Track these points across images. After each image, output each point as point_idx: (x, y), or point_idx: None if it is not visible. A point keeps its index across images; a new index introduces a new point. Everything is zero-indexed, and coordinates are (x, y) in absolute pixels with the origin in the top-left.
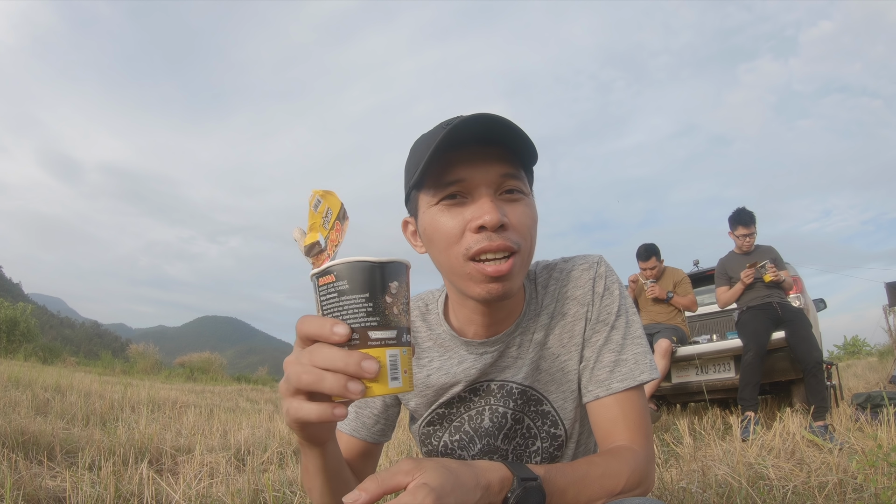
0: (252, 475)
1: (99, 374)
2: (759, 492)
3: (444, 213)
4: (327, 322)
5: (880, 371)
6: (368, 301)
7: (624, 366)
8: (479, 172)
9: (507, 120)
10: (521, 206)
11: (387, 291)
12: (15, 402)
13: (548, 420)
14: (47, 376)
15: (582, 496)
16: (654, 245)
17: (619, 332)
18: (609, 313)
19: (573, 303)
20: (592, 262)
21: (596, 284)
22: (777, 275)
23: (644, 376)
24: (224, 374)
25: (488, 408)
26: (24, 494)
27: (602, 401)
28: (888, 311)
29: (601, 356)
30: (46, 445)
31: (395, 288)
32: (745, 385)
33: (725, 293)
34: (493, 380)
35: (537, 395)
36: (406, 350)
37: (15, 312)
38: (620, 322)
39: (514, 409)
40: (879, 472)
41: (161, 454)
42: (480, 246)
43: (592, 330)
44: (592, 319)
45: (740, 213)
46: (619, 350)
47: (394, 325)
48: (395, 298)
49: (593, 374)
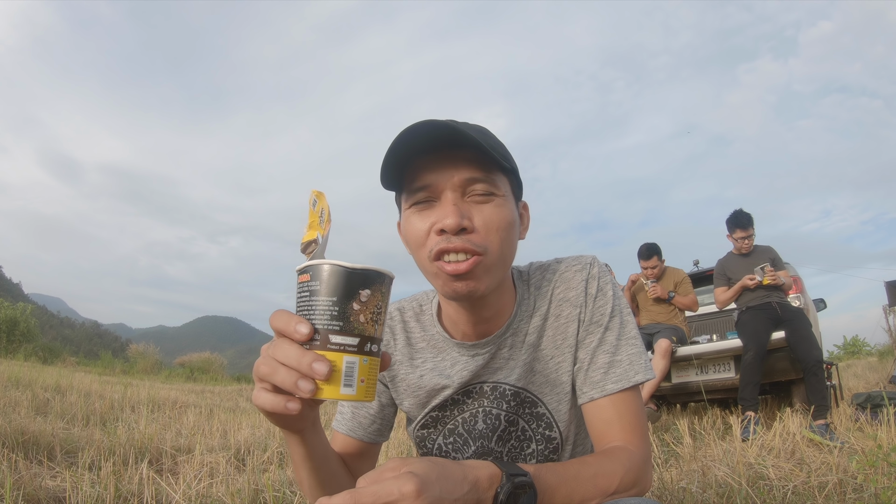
0: (252, 475)
1: (99, 374)
2: (758, 492)
3: (415, 215)
4: (293, 319)
5: (880, 371)
6: (335, 305)
7: (618, 367)
8: (443, 177)
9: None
10: (488, 208)
11: (355, 298)
12: (15, 402)
13: (542, 422)
14: (47, 376)
15: (574, 495)
16: (656, 244)
17: (613, 333)
18: (603, 314)
19: (566, 304)
20: (585, 263)
21: (589, 286)
22: (775, 277)
23: (639, 377)
24: (224, 374)
25: (482, 410)
26: (24, 494)
27: (597, 402)
28: (888, 310)
29: (595, 357)
30: (46, 445)
31: (365, 296)
32: (746, 385)
33: (723, 293)
34: (485, 381)
35: (532, 397)
36: (368, 360)
37: (15, 312)
38: (614, 323)
39: (507, 410)
40: (879, 472)
41: (161, 454)
42: (440, 247)
43: (586, 331)
44: (586, 321)
45: (738, 216)
46: (614, 351)
47: (357, 333)
48: (363, 306)
49: (588, 376)
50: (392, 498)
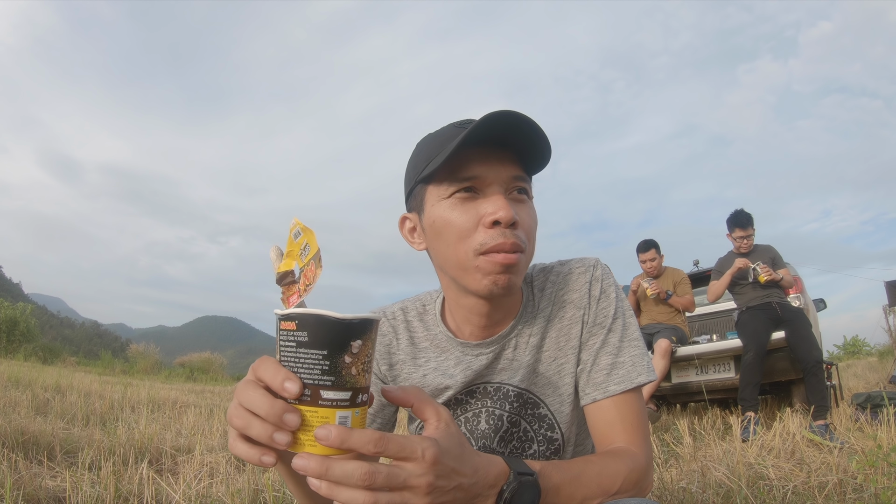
0: (252, 475)
1: (99, 374)
2: (758, 492)
3: (457, 207)
4: (280, 374)
5: (880, 371)
6: (326, 359)
7: (621, 368)
8: (493, 171)
9: (531, 123)
10: (527, 208)
11: (347, 351)
12: (15, 402)
13: (544, 423)
14: (47, 376)
15: (577, 494)
16: (654, 240)
17: (616, 335)
18: (605, 316)
19: (569, 306)
20: (589, 265)
21: (592, 287)
22: (772, 274)
23: (641, 378)
24: (224, 374)
25: (485, 410)
26: (24, 494)
27: (599, 403)
28: (888, 310)
29: (598, 359)
30: (46, 445)
31: (356, 347)
32: (746, 385)
33: (714, 285)
34: (489, 382)
35: (534, 398)
36: (360, 411)
37: (15, 312)
38: (617, 325)
39: (510, 411)
40: (879, 472)
41: (161, 454)
42: (496, 242)
43: (589, 333)
44: (589, 322)
45: (737, 216)
46: (616, 353)
47: (349, 387)
48: (355, 358)
49: (590, 377)
50: (414, 456)
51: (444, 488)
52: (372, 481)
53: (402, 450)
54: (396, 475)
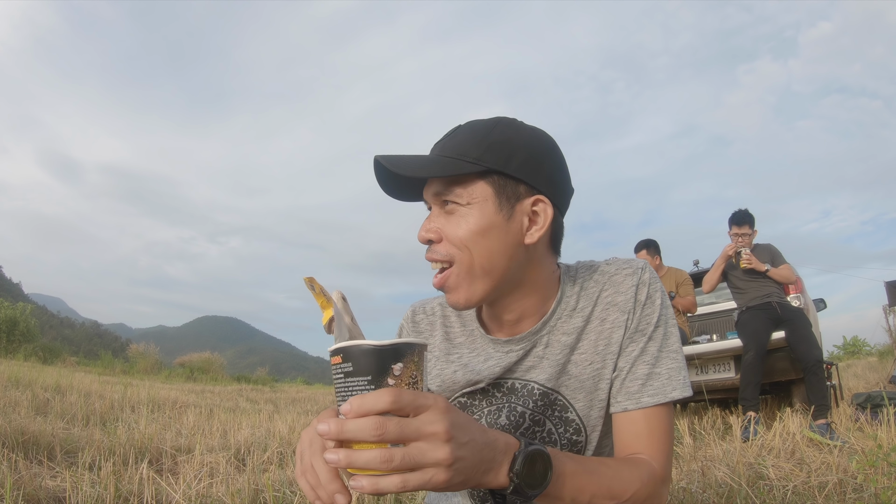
0: (252, 475)
1: (99, 374)
2: (758, 492)
3: None
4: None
5: (880, 371)
6: (370, 383)
7: (657, 380)
8: (426, 194)
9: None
10: (452, 219)
11: (388, 374)
12: (15, 402)
13: (571, 427)
14: (47, 376)
15: (587, 489)
16: (652, 240)
17: (656, 344)
18: (648, 323)
19: (613, 309)
20: (637, 268)
21: (639, 292)
22: (751, 263)
23: (676, 393)
24: (224, 374)
25: (507, 405)
26: (24, 494)
27: (630, 414)
28: (888, 310)
29: (635, 367)
30: (46, 445)
31: (398, 370)
32: (746, 385)
33: (707, 275)
34: (517, 379)
35: (563, 400)
36: None
37: (15, 312)
38: (658, 333)
39: (533, 409)
40: (879, 472)
41: (161, 454)
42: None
43: (630, 339)
44: (631, 328)
45: (736, 214)
46: (654, 363)
47: None
48: (398, 380)
49: (624, 385)
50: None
51: (460, 440)
52: (382, 430)
53: (416, 398)
54: (408, 423)
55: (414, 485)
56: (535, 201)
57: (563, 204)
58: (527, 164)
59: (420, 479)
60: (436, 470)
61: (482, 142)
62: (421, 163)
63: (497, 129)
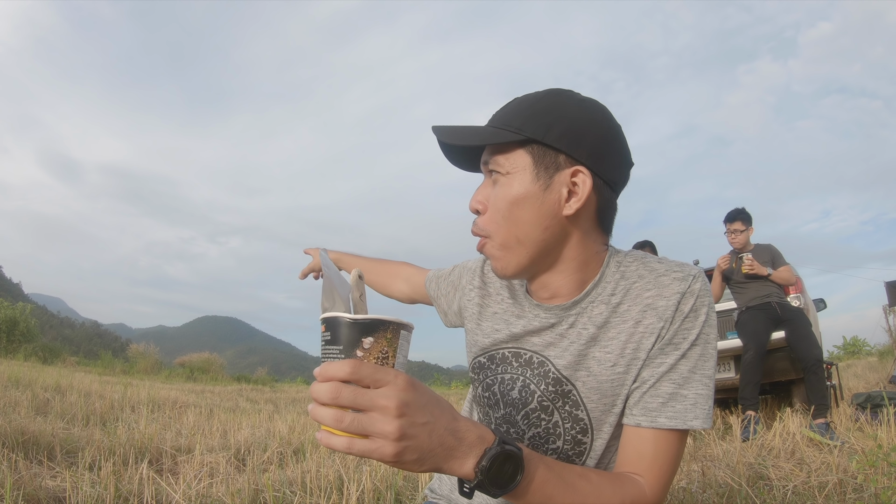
0: (252, 475)
1: (99, 374)
2: (758, 492)
3: None
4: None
5: (880, 371)
6: (341, 353)
7: (680, 402)
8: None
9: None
10: (496, 188)
11: (358, 346)
12: (15, 402)
13: (579, 426)
14: (47, 376)
15: (555, 500)
16: (649, 242)
17: (689, 364)
18: (684, 339)
19: (651, 313)
20: (688, 274)
21: (684, 301)
22: (753, 268)
23: (696, 423)
24: (224, 374)
25: (521, 379)
26: (24, 494)
27: (641, 430)
28: (888, 310)
29: (660, 383)
30: (46, 445)
31: (367, 344)
32: (746, 385)
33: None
34: (535, 353)
35: (576, 395)
36: None
37: (15, 312)
38: (694, 353)
39: (543, 392)
40: (879, 472)
41: (161, 454)
42: None
43: (660, 350)
44: (665, 339)
45: (731, 211)
46: (682, 383)
47: None
48: (366, 353)
49: (643, 399)
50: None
51: (415, 419)
52: (337, 395)
53: (376, 372)
54: (363, 393)
55: (359, 449)
56: (575, 172)
57: (611, 178)
58: (568, 134)
59: (366, 447)
60: (383, 441)
61: (526, 111)
62: (467, 132)
63: (545, 99)
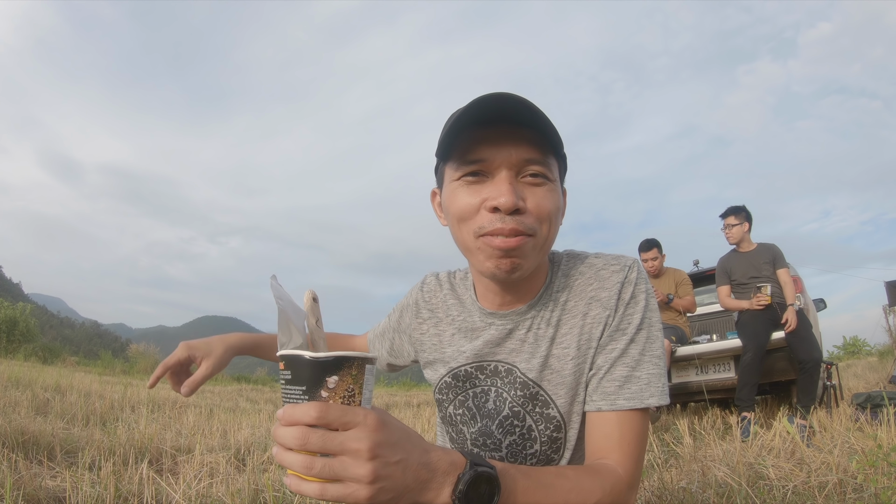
0: (252, 475)
1: (99, 374)
2: (758, 492)
3: (464, 189)
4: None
5: (880, 371)
6: (304, 394)
7: (635, 384)
8: (502, 153)
9: (533, 104)
10: (541, 191)
11: (323, 386)
12: (15, 402)
13: (552, 424)
14: (47, 376)
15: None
16: (656, 240)
17: (638, 347)
18: (630, 324)
19: (596, 304)
20: (624, 265)
21: (623, 290)
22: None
23: (653, 400)
24: (224, 374)
25: (494, 389)
26: (24, 494)
27: (603, 414)
28: (888, 310)
29: (614, 368)
30: (46, 445)
31: (332, 383)
32: (744, 385)
33: (728, 300)
34: (500, 361)
35: (545, 396)
36: None
37: (15, 312)
38: (641, 336)
39: (513, 398)
40: (879, 472)
41: (161, 454)
42: (494, 227)
43: (610, 337)
44: (612, 326)
45: (727, 208)
46: (634, 366)
47: None
48: (332, 393)
49: (601, 385)
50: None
51: (388, 459)
52: (304, 441)
53: (344, 414)
54: (332, 437)
55: (332, 495)
56: (564, 191)
57: None
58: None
59: (339, 492)
60: (357, 485)
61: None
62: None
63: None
